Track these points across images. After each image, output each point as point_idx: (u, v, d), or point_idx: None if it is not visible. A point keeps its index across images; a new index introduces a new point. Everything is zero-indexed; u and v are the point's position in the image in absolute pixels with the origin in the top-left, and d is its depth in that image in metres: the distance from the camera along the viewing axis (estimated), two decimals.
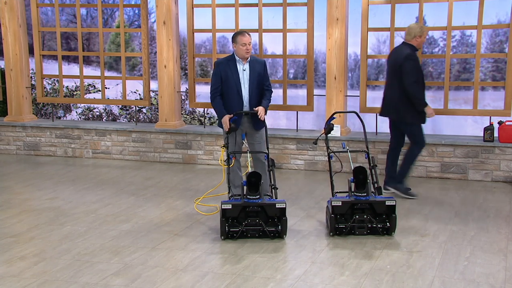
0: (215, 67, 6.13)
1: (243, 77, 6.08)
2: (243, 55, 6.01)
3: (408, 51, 6.63)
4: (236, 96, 6.05)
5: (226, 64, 6.07)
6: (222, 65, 6.08)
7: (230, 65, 6.06)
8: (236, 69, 6.06)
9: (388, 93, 6.88)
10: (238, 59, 6.07)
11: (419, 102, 6.62)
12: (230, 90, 6.04)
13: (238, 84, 6.05)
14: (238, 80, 6.05)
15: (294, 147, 8.39)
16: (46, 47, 15.66)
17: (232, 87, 6.04)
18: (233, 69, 6.05)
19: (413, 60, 6.60)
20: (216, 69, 6.09)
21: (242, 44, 5.97)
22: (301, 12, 8.36)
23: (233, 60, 6.08)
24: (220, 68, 6.06)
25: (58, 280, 4.41)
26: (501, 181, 7.54)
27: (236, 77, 6.05)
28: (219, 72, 6.06)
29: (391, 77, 6.79)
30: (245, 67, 6.09)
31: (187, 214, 6.18)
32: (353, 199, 5.33)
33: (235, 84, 6.04)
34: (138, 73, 16.46)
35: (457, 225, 5.74)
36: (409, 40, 6.70)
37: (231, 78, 6.03)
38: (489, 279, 4.37)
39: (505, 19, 8.46)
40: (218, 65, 6.10)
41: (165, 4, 8.64)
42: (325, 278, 4.41)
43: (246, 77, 6.09)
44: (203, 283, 4.33)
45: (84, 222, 5.87)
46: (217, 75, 6.06)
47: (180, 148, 8.90)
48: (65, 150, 9.43)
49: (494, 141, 7.51)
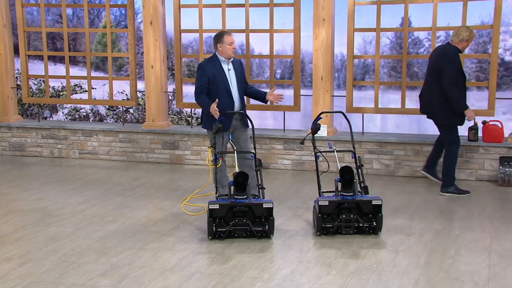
0: (201, 69, 6.12)
1: (229, 77, 6.12)
2: (230, 54, 6.05)
3: (451, 53, 6.70)
4: (226, 96, 6.08)
5: (212, 66, 6.09)
6: (208, 67, 6.09)
7: (216, 66, 6.09)
8: (222, 69, 6.09)
9: (426, 92, 6.95)
10: (223, 59, 6.10)
11: (458, 105, 6.66)
12: (220, 90, 6.06)
13: (227, 84, 6.09)
14: (226, 80, 6.09)
15: (281, 147, 8.42)
16: (32, 47, 15.59)
17: (222, 88, 6.06)
18: (220, 69, 6.08)
19: (455, 62, 6.66)
20: (202, 71, 6.09)
21: (229, 43, 6.02)
22: (287, 13, 8.39)
23: (218, 61, 6.11)
24: (207, 70, 6.07)
25: (44, 282, 4.38)
26: (485, 180, 7.61)
27: (224, 77, 6.08)
28: (206, 73, 6.06)
29: (430, 76, 6.85)
30: (230, 67, 6.14)
31: (175, 214, 6.18)
32: (340, 198, 5.35)
33: (224, 84, 6.07)
34: (125, 73, 16.44)
35: (442, 224, 5.79)
36: (455, 42, 6.75)
37: (219, 79, 6.06)
38: (473, 276, 4.41)
39: (488, 20, 8.58)
40: (204, 68, 6.11)
41: (152, 4, 8.63)
42: (312, 278, 4.43)
43: (232, 76, 6.14)
44: (190, 283, 4.33)
45: (70, 223, 5.85)
46: (204, 76, 6.06)
47: (167, 148, 8.90)
48: (51, 150, 9.39)
49: (478, 140, 7.58)
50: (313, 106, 8.26)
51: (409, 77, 15.67)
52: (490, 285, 4.26)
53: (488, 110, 7.70)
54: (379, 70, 8.41)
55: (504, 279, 4.39)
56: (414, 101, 6.78)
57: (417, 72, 16.48)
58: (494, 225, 5.76)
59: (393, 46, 18.50)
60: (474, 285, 4.25)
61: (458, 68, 6.72)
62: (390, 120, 14.47)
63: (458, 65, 6.72)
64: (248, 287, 4.27)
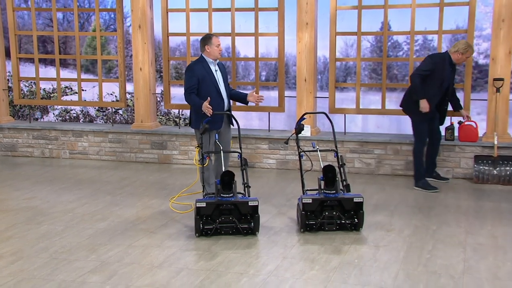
0: (191, 70, 6.23)
1: (217, 77, 6.27)
2: (217, 55, 6.22)
3: (437, 55, 7.20)
4: (217, 96, 6.22)
5: (201, 67, 6.21)
6: (198, 68, 6.20)
7: (204, 67, 6.22)
8: (211, 70, 6.22)
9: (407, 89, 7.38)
10: (210, 60, 6.24)
11: (416, 92, 7.03)
12: (210, 90, 6.19)
13: (216, 84, 6.23)
14: (216, 80, 6.23)
15: (266, 147, 8.48)
16: (23, 50, 15.58)
17: (212, 88, 6.20)
18: (208, 70, 6.22)
19: (433, 62, 7.03)
20: (192, 72, 6.20)
21: (217, 45, 6.20)
22: (272, 17, 8.45)
23: (206, 62, 6.25)
24: (197, 71, 6.18)
25: (35, 278, 4.40)
26: (461, 178, 7.74)
27: (213, 78, 6.22)
28: (196, 74, 6.17)
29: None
30: (216, 68, 6.29)
31: (163, 212, 6.20)
32: (323, 196, 5.41)
33: (214, 85, 6.21)
34: (114, 75, 16.45)
35: (421, 220, 5.88)
36: (451, 52, 7.10)
37: (209, 80, 6.19)
38: (449, 270, 4.51)
39: (463, 25, 8.74)
40: (193, 69, 6.22)
41: (140, 8, 8.67)
42: (296, 273, 4.48)
43: (219, 77, 6.30)
44: (178, 279, 4.36)
45: (61, 221, 5.85)
46: (194, 77, 6.17)
47: (155, 148, 8.95)
48: (42, 151, 9.42)
49: (454, 140, 7.75)
50: (297, 107, 8.33)
51: (389, 79, 15.83)
52: (465, 277, 4.36)
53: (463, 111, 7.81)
54: (360, 72, 8.46)
55: (478, 271, 4.48)
56: (394, 102, 6.94)
57: (396, 74, 16.60)
58: (469, 220, 5.88)
59: (373, 49, 18.63)
60: (450, 278, 4.34)
61: (434, 67, 7.00)
62: (371, 121, 14.58)
63: (437, 67, 6.99)
64: (234, 282, 4.30)
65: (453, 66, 7.21)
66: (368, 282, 4.31)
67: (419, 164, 7.26)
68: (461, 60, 7.15)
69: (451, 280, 4.33)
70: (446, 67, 7.07)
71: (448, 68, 7.10)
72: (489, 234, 5.45)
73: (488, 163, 7.48)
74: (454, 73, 7.31)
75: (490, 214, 6.15)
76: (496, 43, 7.55)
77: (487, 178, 7.46)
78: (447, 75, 7.10)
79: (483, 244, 5.17)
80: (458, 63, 7.20)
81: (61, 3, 16.52)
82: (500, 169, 7.45)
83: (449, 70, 7.13)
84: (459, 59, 7.10)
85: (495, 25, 7.54)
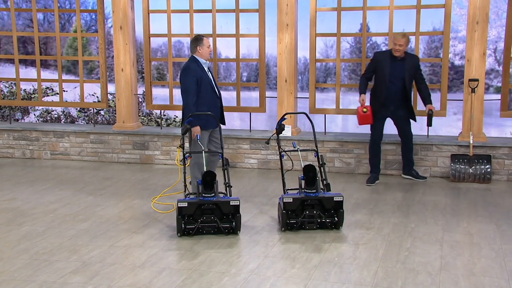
0: (189, 70, 6.15)
1: (211, 77, 6.32)
2: (208, 56, 6.27)
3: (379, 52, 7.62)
4: (214, 95, 6.29)
5: (196, 67, 6.21)
6: (195, 68, 6.17)
7: (200, 67, 6.24)
8: (205, 70, 6.27)
9: None
10: (203, 61, 6.27)
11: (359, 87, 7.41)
12: (208, 90, 6.24)
13: (212, 84, 6.28)
14: (211, 80, 6.28)
15: (248, 147, 8.52)
16: (3, 50, 15.44)
17: (208, 88, 6.24)
18: (203, 70, 6.26)
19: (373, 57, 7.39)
20: (192, 72, 6.14)
21: (208, 46, 6.27)
22: (253, 18, 8.50)
23: (199, 63, 6.26)
24: (195, 72, 6.15)
25: (16, 280, 4.36)
26: (438, 177, 7.86)
27: (208, 78, 6.26)
28: (195, 75, 6.14)
29: None
30: (207, 68, 6.34)
31: (145, 212, 6.21)
32: (303, 195, 5.46)
33: (210, 85, 6.26)
34: (96, 76, 16.40)
35: (399, 218, 5.96)
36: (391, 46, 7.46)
37: (206, 80, 6.23)
38: (427, 267, 4.58)
39: (439, 27, 8.85)
40: (192, 69, 6.16)
41: (122, 9, 8.67)
42: (277, 271, 4.52)
43: (212, 77, 6.35)
44: (160, 278, 4.37)
45: (43, 222, 5.83)
46: (194, 78, 6.12)
47: (137, 149, 8.96)
48: (23, 151, 9.37)
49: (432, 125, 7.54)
50: (278, 107, 8.39)
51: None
52: (442, 274, 4.44)
53: (440, 111, 7.96)
54: (340, 73, 8.56)
55: (454, 268, 4.56)
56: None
57: None
58: (446, 218, 5.98)
59: (353, 50, 18.79)
60: (428, 275, 4.42)
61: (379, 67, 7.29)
62: (350, 121, 14.69)
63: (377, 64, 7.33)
64: (216, 281, 4.32)
65: (397, 60, 7.24)
66: (348, 280, 4.36)
67: (372, 159, 7.58)
68: (395, 51, 7.19)
69: (428, 277, 4.40)
70: (386, 63, 7.22)
71: (389, 64, 7.22)
72: (465, 231, 5.55)
73: (464, 161, 7.61)
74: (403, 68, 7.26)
75: (466, 211, 6.26)
76: (471, 44, 7.68)
77: (463, 176, 7.59)
78: (389, 71, 7.21)
79: (460, 241, 5.26)
80: (396, 54, 7.22)
81: (42, 4, 16.44)
82: (475, 168, 7.58)
83: (392, 65, 7.22)
84: (394, 50, 7.21)
85: (470, 27, 7.68)
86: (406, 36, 7.18)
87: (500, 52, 18.17)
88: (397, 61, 7.25)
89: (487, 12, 7.62)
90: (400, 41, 7.14)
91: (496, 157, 7.68)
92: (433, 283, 4.31)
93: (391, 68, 7.22)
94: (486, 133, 7.93)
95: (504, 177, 7.67)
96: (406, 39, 7.17)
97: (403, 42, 7.15)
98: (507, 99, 7.92)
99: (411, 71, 7.31)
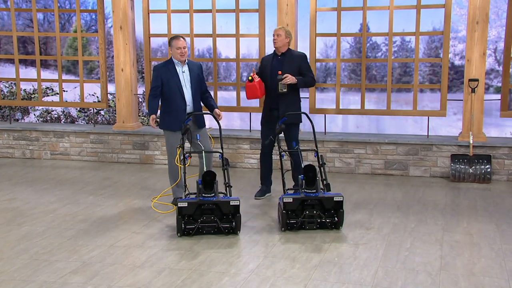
0: (156, 71, 6.30)
1: (183, 79, 6.28)
2: (179, 58, 6.23)
3: (265, 56, 7.02)
4: (179, 97, 6.25)
5: (165, 68, 6.26)
6: (161, 69, 6.27)
7: (169, 68, 6.26)
8: (176, 72, 6.25)
9: None
10: (176, 62, 6.27)
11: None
12: (173, 91, 6.24)
13: (180, 85, 6.25)
14: (179, 81, 6.26)
15: (248, 147, 8.53)
16: (3, 50, 15.45)
17: (174, 89, 6.23)
18: (173, 72, 6.24)
19: (261, 62, 6.92)
20: (156, 73, 6.28)
21: (177, 47, 6.19)
22: (253, 18, 8.52)
23: (172, 64, 6.28)
24: (159, 72, 6.26)
25: (16, 280, 4.36)
26: (438, 177, 7.87)
27: (176, 79, 6.24)
28: (159, 75, 6.25)
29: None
30: (184, 69, 6.30)
31: (145, 212, 6.22)
32: (303, 195, 5.46)
33: (177, 86, 6.24)
34: (96, 76, 16.40)
35: (399, 218, 5.97)
36: None
37: (172, 81, 6.22)
38: (427, 267, 4.58)
39: (439, 27, 8.85)
40: (157, 69, 6.30)
41: (122, 9, 8.70)
42: (277, 271, 4.51)
43: (186, 78, 6.29)
44: (160, 278, 4.37)
45: (42, 222, 5.84)
46: (158, 78, 6.25)
47: (137, 149, 8.97)
48: (23, 151, 9.39)
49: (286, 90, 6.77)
50: None
51: (368, 79, 15.98)
52: (442, 274, 4.44)
53: (440, 111, 7.96)
54: (340, 73, 8.57)
55: (454, 268, 4.56)
56: (373, 102, 7.01)
57: (375, 75, 16.77)
58: (446, 218, 5.98)
59: (352, 50, 18.81)
60: (428, 275, 4.42)
61: (264, 71, 6.69)
62: (350, 121, 14.68)
63: (262, 69, 6.70)
64: (216, 281, 4.31)
65: (280, 56, 6.67)
66: (348, 280, 4.35)
67: (262, 172, 6.93)
68: (276, 44, 6.60)
69: (428, 277, 4.39)
70: (268, 64, 6.67)
71: (271, 64, 6.64)
72: (465, 231, 5.55)
73: (464, 161, 7.62)
74: (287, 63, 6.61)
75: (466, 211, 6.26)
76: (471, 44, 7.69)
77: (463, 176, 7.59)
78: (270, 72, 6.62)
79: (459, 241, 5.26)
80: (276, 47, 6.63)
81: (42, 4, 16.44)
82: (475, 168, 7.59)
83: (273, 62, 6.63)
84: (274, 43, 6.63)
85: (470, 27, 7.69)
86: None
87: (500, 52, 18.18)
88: (278, 57, 6.68)
89: (487, 12, 7.62)
90: (278, 35, 6.59)
91: (496, 157, 7.68)
92: (433, 283, 4.31)
93: (270, 69, 6.65)
94: (486, 133, 7.94)
95: (504, 177, 7.67)
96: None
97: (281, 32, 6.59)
98: (507, 99, 7.93)
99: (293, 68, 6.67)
